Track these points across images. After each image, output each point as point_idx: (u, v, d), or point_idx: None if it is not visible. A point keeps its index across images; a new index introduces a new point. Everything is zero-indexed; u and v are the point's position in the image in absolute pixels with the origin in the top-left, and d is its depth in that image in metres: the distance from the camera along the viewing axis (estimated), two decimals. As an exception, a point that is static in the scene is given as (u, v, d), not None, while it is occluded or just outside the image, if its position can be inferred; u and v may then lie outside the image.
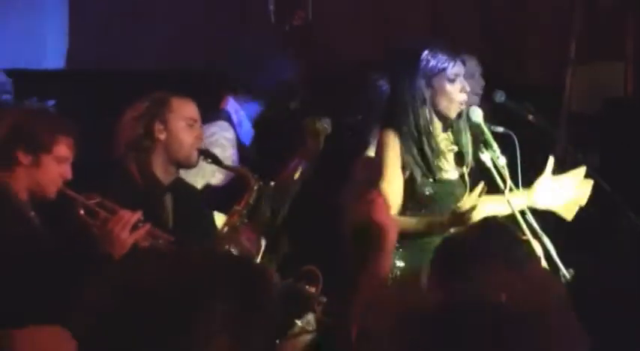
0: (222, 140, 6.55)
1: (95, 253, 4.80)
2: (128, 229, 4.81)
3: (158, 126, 5.33)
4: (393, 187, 5.47)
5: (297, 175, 6.28)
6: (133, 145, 5.36)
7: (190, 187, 5.71)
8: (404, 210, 5.48)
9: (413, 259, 5.53)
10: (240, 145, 6.72)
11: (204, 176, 6.11)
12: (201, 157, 5.49)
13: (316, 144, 6.22)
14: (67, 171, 4.96)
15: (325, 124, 6.23)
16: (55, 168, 4.93)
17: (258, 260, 5.46)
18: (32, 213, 4.91)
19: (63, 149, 4.95)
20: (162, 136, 5.34)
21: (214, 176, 6.20)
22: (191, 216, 5.39)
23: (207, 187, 6.21)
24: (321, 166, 6.62)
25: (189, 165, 5.48)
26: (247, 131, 6.84)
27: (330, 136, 6.27)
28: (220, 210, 5.79)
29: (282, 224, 6.46)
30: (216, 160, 5.58)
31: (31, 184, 4.92)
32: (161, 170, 5.38)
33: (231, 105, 6.84)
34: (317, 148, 6.24)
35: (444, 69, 5.70)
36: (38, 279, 4.13)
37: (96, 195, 4.98)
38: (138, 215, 4.88)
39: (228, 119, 6.71)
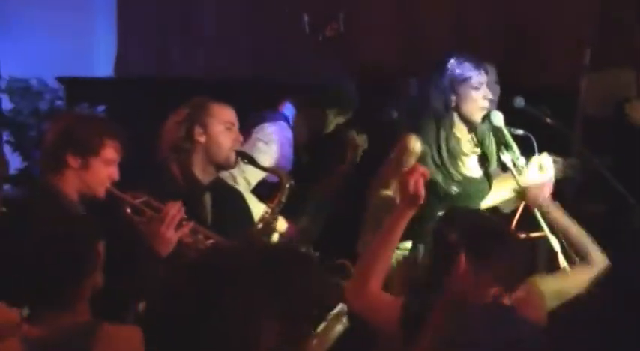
0: (283, 139, 6.68)
1: (143, 251, 4.88)
2: (173, 227, 4.86)
3: (198, 130, 5.33)
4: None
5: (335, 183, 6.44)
6: (175, 147, 5.36)
7: (229, 187, 5.72)
8: (431, 210, 5.31)
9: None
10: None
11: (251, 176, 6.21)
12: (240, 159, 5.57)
13: (354, 156, 6.34)
14: (114, 173, 5.00)
15: (364, 140, 6.36)
16: (103, 170, 4.97)
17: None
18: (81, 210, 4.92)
19: (110, 152, 4.99)
20: (202, 139, 5.34)
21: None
22: (228, 214, 5.38)
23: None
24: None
25: (227, 166, 5.48)
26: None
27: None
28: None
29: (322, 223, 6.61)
30: (251, 161, 5.61)
31: (80, 186, 4.95)
32: (200, 171, 5.37)
33: (288, 108, 6.97)
34: (354, 159, 6.35)
35: (470, 77, 5.74)
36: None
37: (142, 194, 5.05)
38: (181, 214, 4.95)
39: (286, 120, 6.83)
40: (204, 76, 9.88)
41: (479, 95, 5.73)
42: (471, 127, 5.77)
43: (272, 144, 6.58)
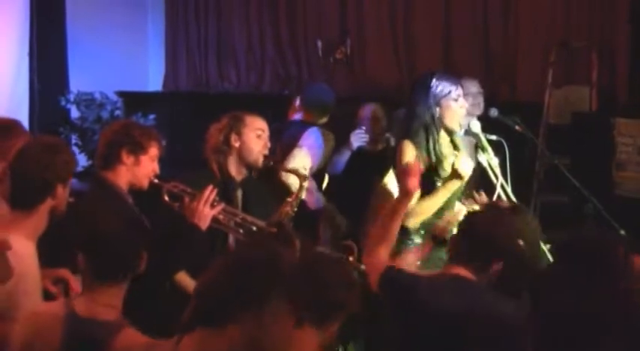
0: (320, 144, 6.76)
1: (184, 226, 4.85)
2: (208, 204, 4.87)
3: (234, 136, 5.38)
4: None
5: None
6: (215, 149, 5.43)
7: (258, 184, 5.78)
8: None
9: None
10: None
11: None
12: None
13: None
14: (156, 167, 4.97)
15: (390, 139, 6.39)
16: (149, 165, 4.91)
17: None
18: (131, 200, 4.86)
19: (154, 150, 4.95)
20: (236, 144, 5.39)
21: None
22: (255, 206, 5.30)
23: None
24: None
25: (255, 166, 5.55)
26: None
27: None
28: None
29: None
30: (275, 163, 5.62)
31: (130, 178, 4.88)
32: (235, 170, 5.37)
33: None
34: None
35: (450, 92, 5.74)
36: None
37: (178, 183, 5.02)
38: (214, 193, 4.91)
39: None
40: (235, 91, 9.91)
41: (457, 106, 5.72)
42: (450, 133, 5.77)
43: (315, 149, 6.68)
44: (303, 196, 5.58)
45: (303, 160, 6.42)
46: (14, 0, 8.77)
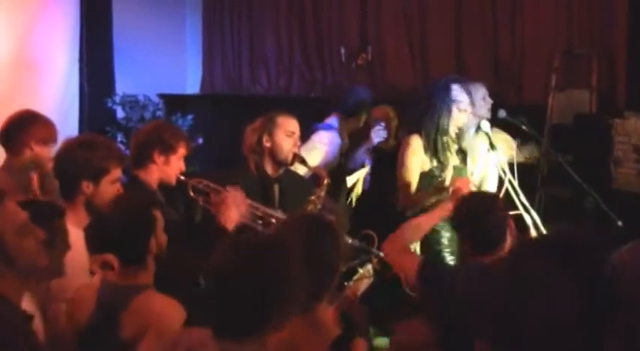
0: (334, 143, 6.73)
1: (213, 226, 4.74)
2: (234, 206, 4.75)
3: (266, 137, 5.38)
4: (411, 173, 5.55)
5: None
6: (251, 149, 5.43)
7: (295, 179, 5.75)
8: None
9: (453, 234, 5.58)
10: None
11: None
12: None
13: None
14: (182, 165, 4.95)
15: None
16: (178, 164, 4.92)
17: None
18: (161, 197, 4.83)
19: (183, 150, 4.95)
20: (268, 144, 5.40)
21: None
22: (291, 200, 5.30)
23: None
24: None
25: (286, 164, 5.54)
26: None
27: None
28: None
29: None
30: (302, 162, 5.55)
31: (160, 176, 4.88)
32: (270, 168, 5.40)
33: (333, 120, 6.99)
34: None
35: (461, 101, 5.72)
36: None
37: (203, 179, 4.97)
38: (240, 195, 4.84)
39: (334, 129, 6.88)
40: (266, 93, 9.90)
41: (462, 116, 5.70)
42: (458, 133, 5.75)
43: (326, 146, 6.65)
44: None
45: (311, 158, 6.37)
46: (66, 11, 8.77)
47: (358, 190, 6.61)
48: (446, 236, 5.54)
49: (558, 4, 8.05)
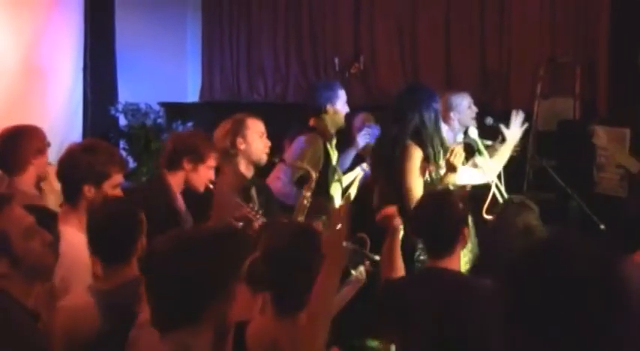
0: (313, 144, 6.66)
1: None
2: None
3: (239, 139, 5.35)
4: (416, 180, 5.51)
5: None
6: (224, 153, 5.39)
7: (261, 181, 5.74)
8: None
9: None
10: None
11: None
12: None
13: None
14: (212, 175, 4.94)
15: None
16: (206, 173, 4.91)
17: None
18: (179, 202, 4.85)
19: (212, 161, 4.94)
20: (242, 147, 5.37)
21: None
22: (266, 200, 5.27)
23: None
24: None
25: (261, 164, 5.52)
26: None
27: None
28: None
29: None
30: (282, 161, 5.65)
31: (187, 182, 4.88)
32: (244, 168, 5.40)
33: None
34: None
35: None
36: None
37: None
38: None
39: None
40: (264, 101, 9.90)
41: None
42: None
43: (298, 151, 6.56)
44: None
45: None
46: (71, 22, 8.76)
47: (351, 192, 6.57)
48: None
49: (543, 16, 8.07)
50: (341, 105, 6.70)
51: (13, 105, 7.43)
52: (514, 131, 5.83)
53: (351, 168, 6.73)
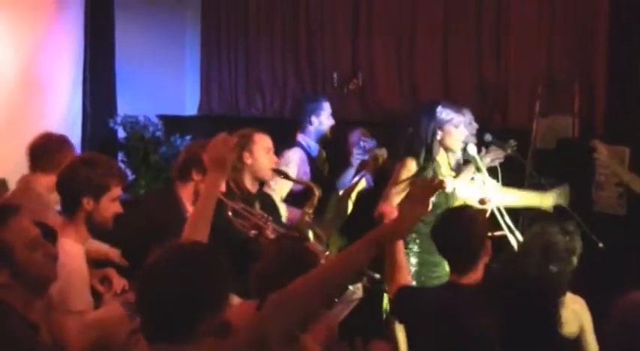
0: (298, 159, 6.65)
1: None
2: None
3: (246, 154, 5.35)
4: (397, 191, 5.50)
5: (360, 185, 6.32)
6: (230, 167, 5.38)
7: (267, 195, 5.73)
8: None
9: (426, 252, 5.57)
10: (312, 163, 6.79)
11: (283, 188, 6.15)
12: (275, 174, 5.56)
13: (376, 163, 6.24)
14: (223, 186, 5.02)
15: (384, 151, 6.27)
16: None
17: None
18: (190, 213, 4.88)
19: None
20: (248, 161, 5.37)
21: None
22: (271, 214, 5.29)
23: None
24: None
25: (267, 180, 5.52)
26: (315, 149, 6.91)
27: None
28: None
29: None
30: (286, 176, 5.64)
31: (196, 192, 4.92)
32: (250, 184, 5.40)
33: (301, 137, 6.93)
34: (375, 165, 6.25)
35: (452, 118, 5.74)
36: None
37: (239, 202, 5.09)
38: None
39: (300, 146, 6.81)
40: (261, 115, 9.88)
41: (458, 131, 5.72)
42: (449, 155, 5.76)
43: (291, 164, 6.55)
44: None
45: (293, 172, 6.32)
46: (70, 35, 8.77)
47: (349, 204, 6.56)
48: (414, 254, 5.53)
49: (541, 33, 8.04)
50: (325, 117, 6.77)
51: (12, 116, 7.43)
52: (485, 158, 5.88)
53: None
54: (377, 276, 4.42)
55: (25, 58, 7.86)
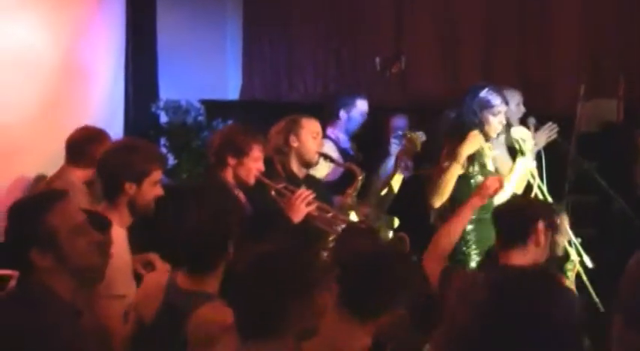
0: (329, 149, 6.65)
1: (281, 218, 4.92)
2: (303, 202, 4.96)
3: (292, 137, 5.41)
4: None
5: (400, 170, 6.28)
6: (277, 150, 5.45)
7: (316, 179, 5.76)
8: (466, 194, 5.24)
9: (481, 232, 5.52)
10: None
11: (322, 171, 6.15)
12: (322, 158, 5.59)
13: (413, 147, 6.22)
14: (261, 166, 5.10)
15: (420, 134, 6.24)
16: (253, 165, 5.06)
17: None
18: (240, 194, 4.92)
19: (257, 152, 5.08)
20: (295, 145, 5.42)
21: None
22: (320, 199, 5.33)
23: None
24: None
25: (312, 164, 5.55)
26: (344, 141, 6.88)
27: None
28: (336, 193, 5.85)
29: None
30: (332, 160, 5.68)
31: (236, 177, 5.06)
32: (296, 168, 5.45)
33: (330, 131, 6.91)
34: (413, 150, 6.23)
35: (493, 106, 5.68)
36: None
37: (282, 180, 5.14)
38: (311, 194, 5.03)
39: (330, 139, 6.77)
40: (303, 100, 9.88)
41: (495, 120, 5.65)
42: (489, 138, 5.70)
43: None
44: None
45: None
46: (112, 21, 8.77)
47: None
48: (472, 233, 5.48)
49: (586, 17, 7.98)
50: (357, 113, 6.76)
51: (54, 103, 7.44)
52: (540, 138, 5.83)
53: None
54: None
55: (66, 45, 7.86)
